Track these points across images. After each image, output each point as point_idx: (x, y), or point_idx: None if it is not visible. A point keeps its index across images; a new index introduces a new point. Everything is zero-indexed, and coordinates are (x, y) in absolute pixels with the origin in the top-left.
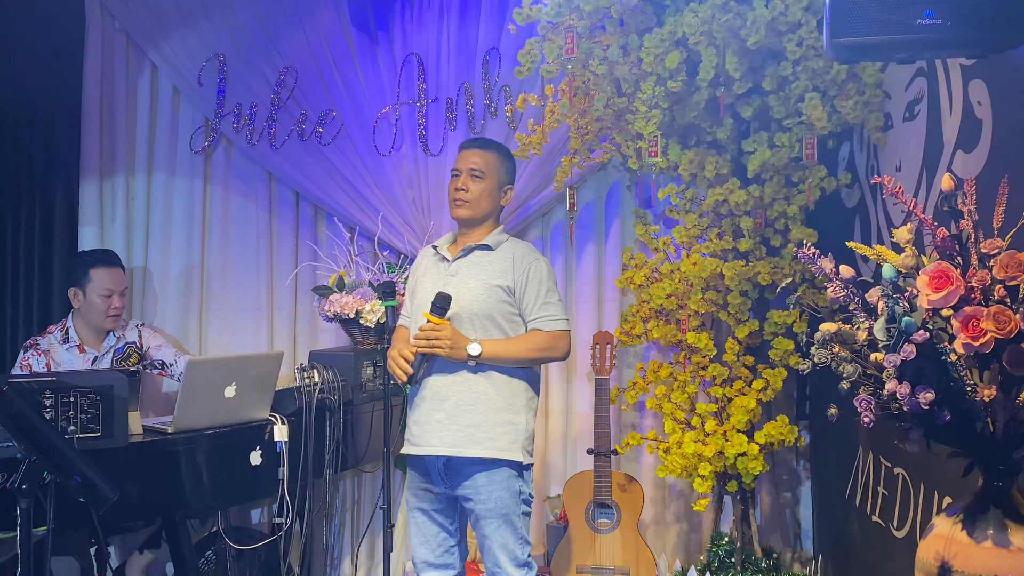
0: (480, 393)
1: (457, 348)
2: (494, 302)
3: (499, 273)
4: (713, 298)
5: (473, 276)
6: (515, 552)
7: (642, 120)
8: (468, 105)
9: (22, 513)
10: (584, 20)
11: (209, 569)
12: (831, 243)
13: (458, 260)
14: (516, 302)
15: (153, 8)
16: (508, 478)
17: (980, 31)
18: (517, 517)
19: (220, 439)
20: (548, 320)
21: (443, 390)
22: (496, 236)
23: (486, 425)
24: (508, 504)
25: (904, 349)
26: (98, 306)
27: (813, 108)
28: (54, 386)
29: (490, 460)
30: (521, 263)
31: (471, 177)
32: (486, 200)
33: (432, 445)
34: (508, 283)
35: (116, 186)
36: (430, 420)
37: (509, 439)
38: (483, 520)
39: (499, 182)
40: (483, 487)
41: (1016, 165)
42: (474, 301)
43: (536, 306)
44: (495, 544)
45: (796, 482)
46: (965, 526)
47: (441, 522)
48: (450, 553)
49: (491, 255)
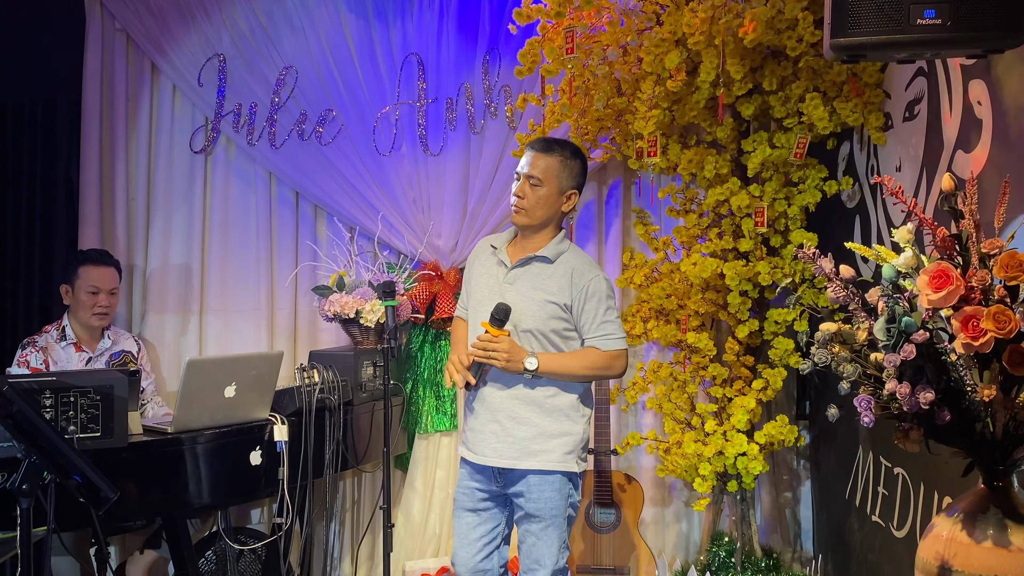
0: (535, 405)
1: (514, 361)
2: (548, 318)
3: (556, 290)
4: (713, 298)
5: (531, 289)
6: (555, 556)
7: (642, 120)
8: (468, 105)
9: (22, 513)
10: (584, 20)
11: (209, 569)
12: (831, 243)
13: (516, 268)
14: (573, 318)
15: (153, 8)
16: (561, 482)
17: (980, 31)
18: (563, 522)
19: (220, 439)
20: (607, 339)
21: (497, 402)
22: (556, 246)
23: (540, 438)
24: (557, 507)
25: (904, 349)
26: (84, 303)
27: (814, 108)
28: (54, 386)
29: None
30: (580, 280)
31: (529, 183)
32: (543, 208)
33: (487, 456)
34: (565, 300)
35: (116, 186)
36: (484, 431)
37: (564, 451)
38: (530, 519)
39: (560, 188)
40: (535, 486)
41: (1016, 165)
42: (529, 317)
43: (595, 324)
44: (537, 544)
45: (796, 482)
46: (965, 526)
47: (487, 525)
48: (488, 560)
49: (550, 268)
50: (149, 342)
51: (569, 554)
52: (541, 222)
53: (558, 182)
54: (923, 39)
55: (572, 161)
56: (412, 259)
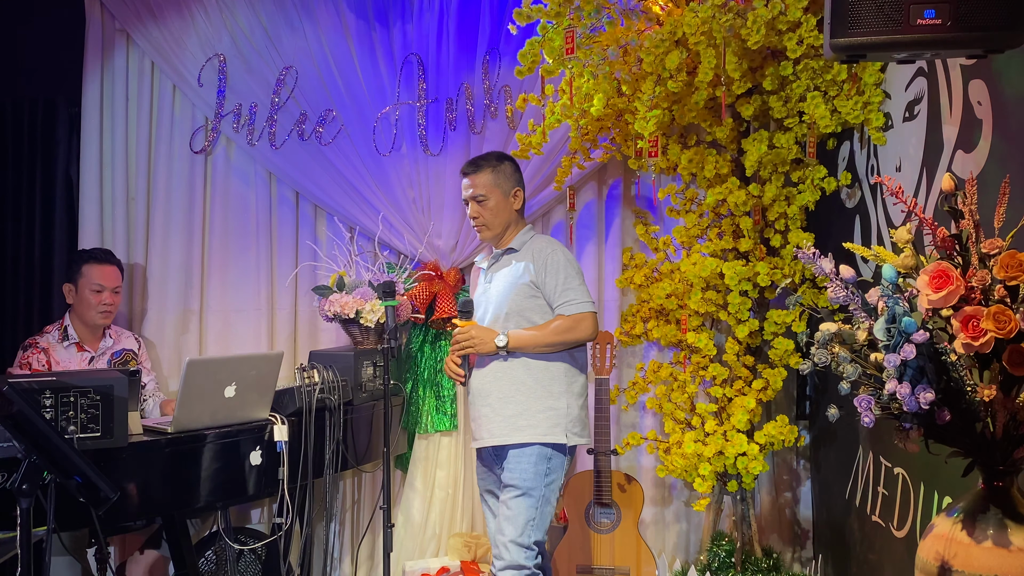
0: (519, 383)
1: (485, 342)
2: (522, 299)
3: (523, 271)
4: (713, 298)
5: (503, 278)
6: (520, 528)
7: (642, 120)
8: (468, 105)
9: (22, 513)
10: (584, 20)
11: (209, 569)
12: (831, 243)
13: (492, 267)
14: (542, 293)
15: (153, 8)
16: (539, 455)
17: (980, 31)
18: (537, 499)
19: (220, 439)
20: (569, 304)
21: (486, 386)
22: (521, 237)
23: (527, 413)
24: (530, 479)
25: (904, 349)
26: (88, 301)
27: (815, 108)
28: (54, 386)
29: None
30: (539, 256)
31: (477, 203)
32: (498, 216)
33: (483, 438)
34: (532, 278)
35: (116, 186)
36: (479, 416)
37: (551, 423)
38: (505, 488)
39: (503, 192)
40: (513, 458)
41: (1016, 165)
42: (504, 302)
43: (557, 292)
44: (507, 512)
45: (796, 482)
46: (965, 526)
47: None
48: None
49: (517, 256)
50: (149, 341)
51: (540, 538)
52: (504, 228)
53: (500, 189)
54: (923, 39)
55: (501, 165)
56: (412, 259)
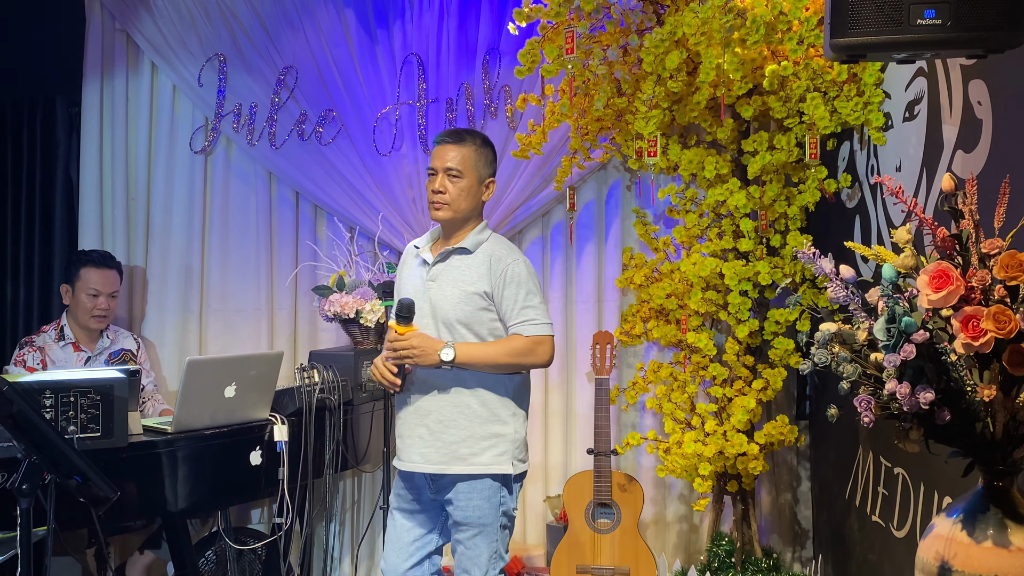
0: (463, 407)
1: (427, 354)
2: (473, 310)
3: (476, 278)
4: (713, 298)
5: (451, 283)
6: (484, 567)
7: (642, 120)
8: (468, 105)
9: (22, 513)
10: (584, 20)
11: (209, 569)
12: (831, 243)
13: (437, 264)
14: (496, 306)
15: (153, 8)
16: (490, 489)
17: (980, 31)
18: (495, 531)
19: (220, 439)
20: (528, 324)
21: (425, 404)
22: (475, 236)
23: (470, 440)
24: (486, 515)
25: (904, 349)
26: (84, 304)
27: (815, 108)
28: (54, 386)
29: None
30: (498, 265)
31: (448, 177)
32: (466, 200)
33: (415, 462)
34: (486, 288)
35: (116, 186)
36: (412, 435)
37: (496, 452)
38: (459, 527)
39: (479, 177)
40: (463, 494)
41: (1016, 165)
42: (452, 309)
43: (515, 310)
44: (466, 553)
45: (796, 482)
46: (965, 526)
47: (420, 530)
48: (419, 567)
49: (469, 259)
50: (149, 341)
51: (504, 564)
52: (464, 215)
53: (477, 171)
54: (923, 39)
55: (485, 149)
56: None
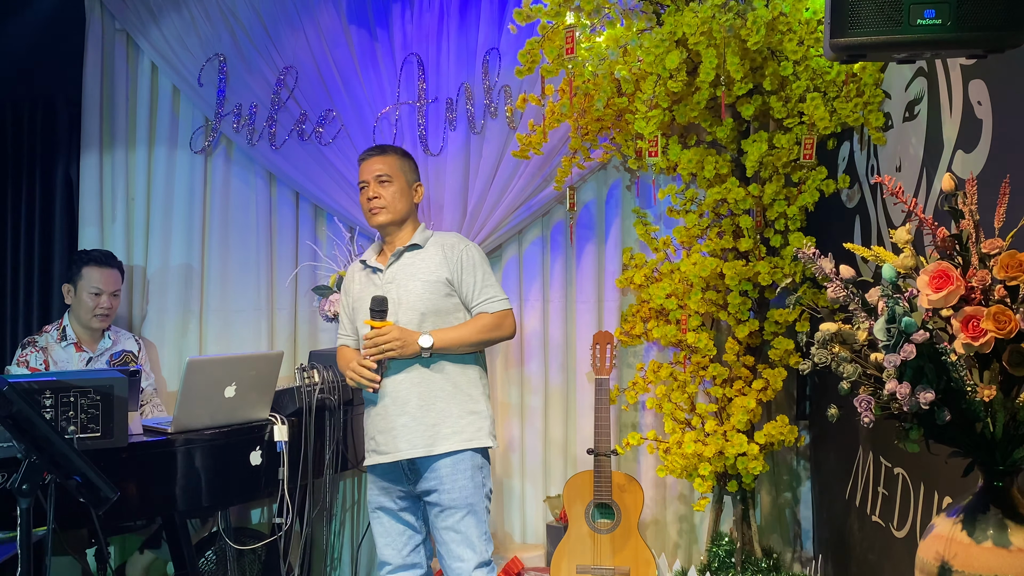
0: (438, 389)
1: (408, 344)
2: (438, 297)
3: (434, 267)
4: (713, 298)
5: (410, 277)
6: (478, 547)
7: (642, 120)
8: (468, 105)
9: (22, 513)
10: (584, 20)
11: (209, 569)
12: (831, 243)
13: (391, 267)
14: (456, 291)
15: (153, 8)
16: (472, 468)
17: (980, 31)
18: (482, 511)
19: (220, 439)
20: (491, 302)
21: (403, 393)
22: (422, 234)
23: (450, 419)
24: (473, 495)
25: (904, 349)
26: (86, 303)
27: (815, 108)
28: (54, 386)
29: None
30: (452, 253)
31: (379, 183)
32: (400, 201)
33: (401, 450)
34: (446, 275)
35: (116, 186)
36: (395, 426)
37: (475, 428)
38: (447, 511)
39: (408, 180)
40: (447, 477)
41: (1016, 165)
42: (418, 300)
43: (477, 290)
44: (458, 537)
45: (796, 482)
46: (965, 526)
47: (407, 520)
48: (416, 552)
49: (422, 253)
50: (149, 342)
51: (492, 548)
52: (402, 216)
53: (404, 175)
54: (923, 39)
55: (406, 158)
56: None
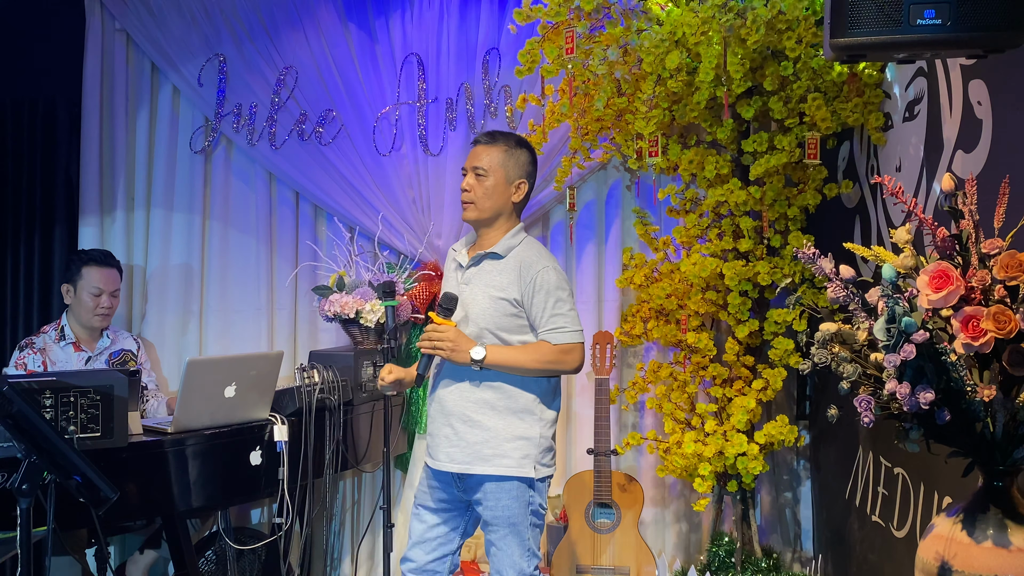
0: (487, 407)
1: (459, 351)
2: (500, 316)
3: (506, 284)
4: (713, 298)
5: (481, 288)
6: (519, 564)
7: (642, 120)
8: (468, 105)
9: (22, 513)
10: (584, 20)
11: (209, 569)
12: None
13: (470, 268)
14: (525, 312)
15: (153, 8)
16: (519, 488)
17: (980, 31)
18: (525, 528)
19: (220, 439)
20: (559, 332)
21: (448, 403)
22: (508, 241)
23: (494, 441)
24: (516, 514)
25: (904, 349)
26: (86, 303)
27: (816, 108)
28: (54, 386)
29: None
30: (528, 272)
31: (475, 175)
32: (491, 199)
33: (440, 460)
34: (515, 295)
35: (116, 186)
36: (439, 435)
37: (521, 454)
38: (490, 527)
39: (507, 177)
40: (491, 493)
41: (1016, 165)
42: (481, 315)
43: (544, 317)
44: (497, 553)
45: (796, 482)
46: (965, 526)
47: (442, 529)
48: (441, 562)
49: (500, 264)
50: (149, 342)
51: (539, 561)
52: (492, 214)
53: (504, 171)
54: (923, 39)
55: (517, 150)
56: (412, 259)
